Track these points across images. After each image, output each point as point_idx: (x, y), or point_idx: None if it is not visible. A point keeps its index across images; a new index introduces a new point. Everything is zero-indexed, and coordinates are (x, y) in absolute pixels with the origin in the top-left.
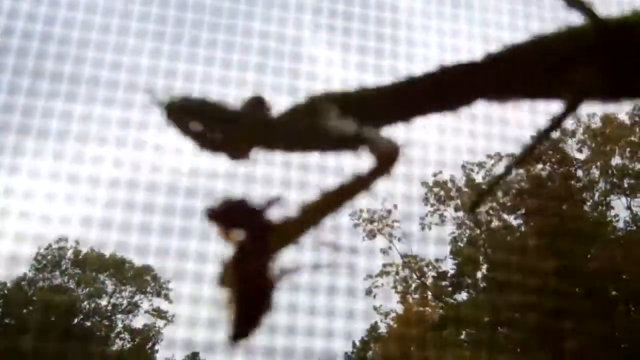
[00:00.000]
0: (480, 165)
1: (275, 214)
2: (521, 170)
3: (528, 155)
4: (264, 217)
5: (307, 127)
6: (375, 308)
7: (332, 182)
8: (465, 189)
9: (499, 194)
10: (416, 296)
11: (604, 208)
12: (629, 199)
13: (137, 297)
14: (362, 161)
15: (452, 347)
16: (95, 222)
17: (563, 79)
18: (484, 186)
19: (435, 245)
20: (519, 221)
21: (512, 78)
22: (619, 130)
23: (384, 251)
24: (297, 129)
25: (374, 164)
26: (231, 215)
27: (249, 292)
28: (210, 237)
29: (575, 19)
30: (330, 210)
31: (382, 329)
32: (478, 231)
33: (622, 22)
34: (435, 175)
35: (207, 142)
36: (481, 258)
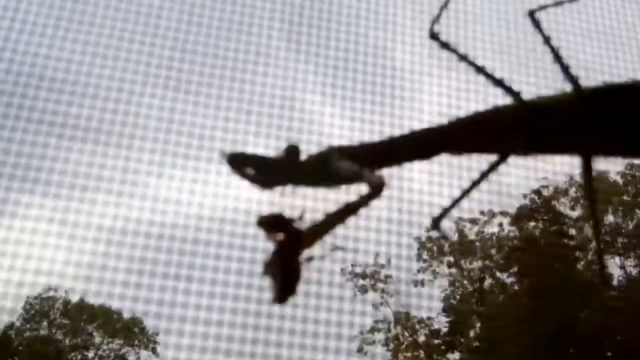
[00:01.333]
0: (474, 221)
1: (303, 224)
2: (514, 228)
3: (464, 198)
4: (296, 226)
5: (323, 169)
6: None
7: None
8: (458, 245)
9: (492, 251)
10: (408, 354)
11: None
12: (622, 258)
13: (124, 350)
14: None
15: None
16: (86, 271)
17: (499, 142)
18: (477, 243)
19: (428, 302)
20: (512, 279)
21: (465, 139)
22: (612, 189)
23: (376, 307)
24: (315, 171)
25: (369, 191)
26: (274, 223)
27: (286, 272)
28: (203, 294)
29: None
30: (338, 222)
31: None
32: (471, 289)
33: (542, 104)
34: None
35: (256, 181)
36: (474, 317)
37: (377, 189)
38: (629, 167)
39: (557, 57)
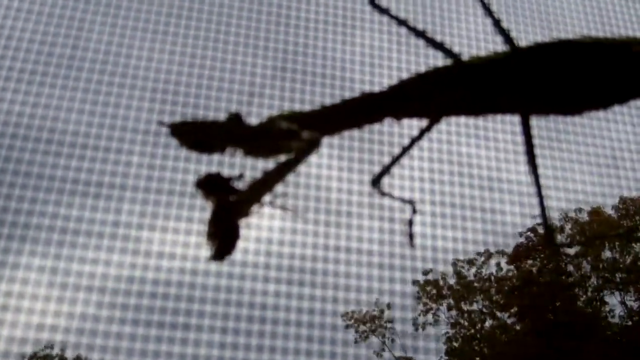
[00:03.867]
0: (471, 262)
1: (239, 184)
2: (512, 267)
3: (397, 161)
4: (232, 185)
5: (265, 132)
6: None
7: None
8: (457, 287)
9: (492, 291)
10: None
11: (598, 303)
12: (622, 293)
13: None
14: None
15: None
16: (82, 326)
17: (435, 103)
18: (475, 284)
19: (430, 345)
20: (513, 319)
21: (402, 102)
22: (607, 225)
23: (378, 353)
24: (258, 134)
25: (302, 147)
26: (210, 183)
27: (223, 231)
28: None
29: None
30: (275, 181)
31: None
32: (472, 330)
33: (477, 62)
34: (426, 273)
35: (196, 145)
36: (477, 359)
37: (311, 145)
38: (622, 202)
39: (491, 15)
